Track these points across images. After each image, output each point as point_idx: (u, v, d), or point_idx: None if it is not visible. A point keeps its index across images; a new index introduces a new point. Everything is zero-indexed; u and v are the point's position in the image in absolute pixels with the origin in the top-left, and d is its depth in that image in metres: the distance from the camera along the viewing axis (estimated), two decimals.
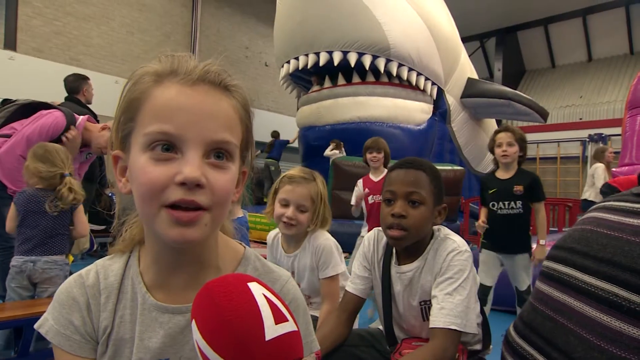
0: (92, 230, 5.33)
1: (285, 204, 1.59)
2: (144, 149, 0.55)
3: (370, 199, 3.14)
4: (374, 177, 3.21)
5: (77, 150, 2.70)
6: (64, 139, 2.57)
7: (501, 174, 2.70)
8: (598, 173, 5.35)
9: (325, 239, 1.64)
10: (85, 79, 3.64)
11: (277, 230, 1.74)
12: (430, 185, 1.22)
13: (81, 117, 2.69)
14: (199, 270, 0.62)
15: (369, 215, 3.15)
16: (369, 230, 2.70)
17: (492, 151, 2.75)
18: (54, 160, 2.08)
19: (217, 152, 0.56)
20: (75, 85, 3.57)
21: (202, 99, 0.56)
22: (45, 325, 0.62)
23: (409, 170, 1.23)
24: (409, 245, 1.26)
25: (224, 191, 0.56)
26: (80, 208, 2.18)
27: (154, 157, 0.54)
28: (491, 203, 2.69)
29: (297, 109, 7.96)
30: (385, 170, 3.18)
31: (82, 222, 2.20)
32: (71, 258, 2.23)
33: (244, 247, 0.70)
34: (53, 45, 8.21)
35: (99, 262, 0.67)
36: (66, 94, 3.62)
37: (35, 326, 0.63)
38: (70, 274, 3.16)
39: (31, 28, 8.07)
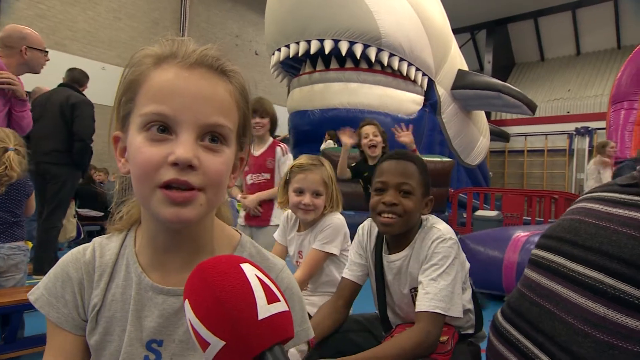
0: (85, 218, 5.29)
1: (301, 192, 1.66)
2: (140, 129, 0.56)
3: (250, 179, 2.59)
4: (254, 151, 2.60)
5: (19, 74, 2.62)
6: (4, 86, 2.45)
7: (370, 161, 3.01)
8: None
9: (338, 219, 1.71)
10: (88, 77, 3.90)
11: None
12: (420, 177, 1.27)
13: None
14: (194, 253, 0.63)
15: None
16: (245, 220, 2.56)
17: (358, 144, 3.05)
18: None
19: (211, 136, 0.57)
20: (79, 78, 3.82)
21: (198, 82, 0.56)
22: (36, 293, 0.65)
23: (399, 161, 1.28)
24: (397, 235, 1.30)
25: (217, 173, 0.57)
26: (33, 195, 2.18)
27: (149, 138, 0.55)
28: (366, 186, 3.01)
29: (288, 94, 7.91)
30: (271, 139, 2.68)
31: (32, 206, 2.21)
32: (29, 244, 2.22)
33: (240, 233, 0.71)
34: (37, 29, 7.92)
35: (97, 239, 0.68)
36: (60, 81, 3.79)
37: (28, 294, 0.65)
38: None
39: (14, 11, 7.86)
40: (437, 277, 1.18)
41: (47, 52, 2.76)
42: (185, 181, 0.54)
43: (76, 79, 3.76)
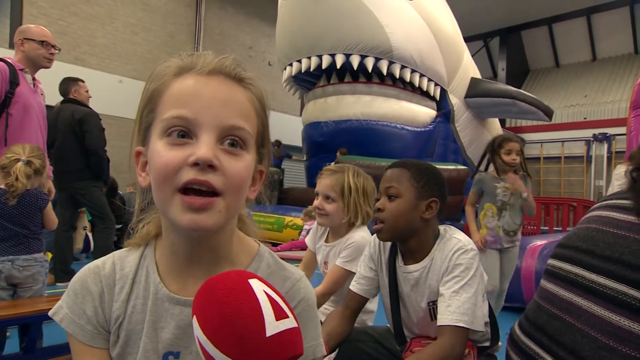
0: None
1: (316, 195, 1.70)
2: (161, 135, 0.57)
3: None
4: None
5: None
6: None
7: None
8: None
9: (362, 237, 1.67)
10: (74, 80, 3.75)
11: None
12: (411, 180, 1.25)
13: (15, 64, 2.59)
14: (214, 264, 0.62)
15: None
16: None
17: None
18: (14, 148, 2.07)
19: (231, 140, 0.57)
20: (64, 88, 3.71)
21: (217, 87, 0.58)
22: (60, 313, 0.63)
23: (392, 169, 1.30)
24: (409, 245, 1.28)
25: (238, 177, 0.56)
26: (49, 206, 2.16)
27: (169, 142, 0.56)
28: None
29: (302, 107, 7.97)
30: None
31: (52, 220, 2.18)
32: (49, 255, 2.20)
33: (259, 244, 0.70)
34: (58, 45, 8.24)
35: (116, 253, 0.67)
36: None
37: (50, 313, 0.64)
38: (72, 273, 3.07)
39: None
40: (459, 289, 1.15)
41: (43, 42, 2.67)
42: (206, 181, 0.53)
43: (62, 91, 3.70)
